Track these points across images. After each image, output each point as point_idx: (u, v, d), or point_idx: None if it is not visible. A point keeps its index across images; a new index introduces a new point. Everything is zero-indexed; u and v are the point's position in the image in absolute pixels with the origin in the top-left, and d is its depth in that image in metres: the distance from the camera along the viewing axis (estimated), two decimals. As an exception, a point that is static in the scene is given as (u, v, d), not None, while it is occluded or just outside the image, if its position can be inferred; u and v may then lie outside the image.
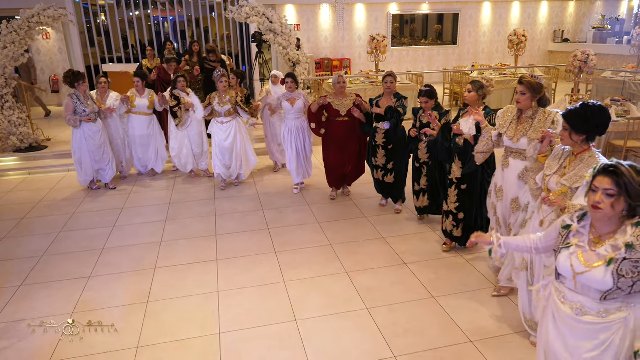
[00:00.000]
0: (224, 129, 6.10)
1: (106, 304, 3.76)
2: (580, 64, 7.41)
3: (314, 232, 5.01)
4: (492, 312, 3.55)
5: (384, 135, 5.14)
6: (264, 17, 7.67)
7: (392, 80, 5.09)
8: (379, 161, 5.28)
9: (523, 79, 3.36)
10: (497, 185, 3.70)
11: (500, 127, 3.53)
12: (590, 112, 2.56)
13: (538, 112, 3.36)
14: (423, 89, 4.70)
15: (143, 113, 6.53)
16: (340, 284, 3.99)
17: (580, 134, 2.63)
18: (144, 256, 4.56)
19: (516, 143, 3.42)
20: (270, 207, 5.71)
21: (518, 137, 3.39)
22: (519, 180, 3.49)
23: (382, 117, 5.09)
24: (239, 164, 6.27)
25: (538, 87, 3.33)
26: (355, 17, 13.30)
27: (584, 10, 15.23)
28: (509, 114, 3.52)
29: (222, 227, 5.16)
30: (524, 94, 3.35)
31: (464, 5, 13.99)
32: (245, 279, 4.10)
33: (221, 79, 5.93)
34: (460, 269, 4.19)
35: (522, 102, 3.36)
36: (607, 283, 1.89)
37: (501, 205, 3.68)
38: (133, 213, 5.64)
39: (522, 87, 3.35)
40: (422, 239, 4.77)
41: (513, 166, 3.52)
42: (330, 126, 5.52)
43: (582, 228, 2.04)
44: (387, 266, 4.26)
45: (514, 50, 9.76)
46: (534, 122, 3.34)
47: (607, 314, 1.96)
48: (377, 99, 5.21)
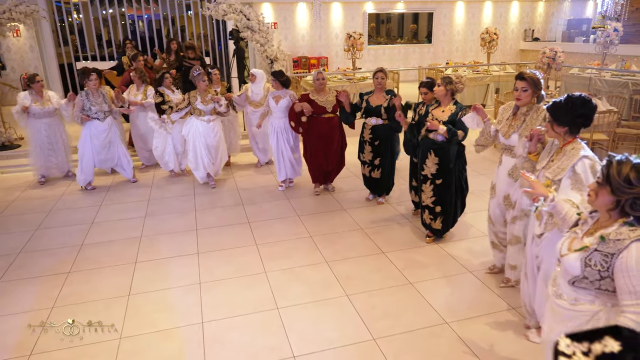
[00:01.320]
0: (211, 127, 6.01)
1: (87, 298, 3.76)
2: (549, 61, 7.67)
3: (294, 224, 5.08)
4: (466, 296, 3.69)
5: (370, 132, 5.17)
6: (241, 14, 7.70)
7: (382, 76, 5.06)
8: (366, 157, 5.32)
9: (524, 75, 3.24)
10: (492, 182, 3.71)
11: (498, 122, 3.53)
12: (571, 104, 2.55)
13: (532, 109, 3.32)
14: (424, 80, 4.71)
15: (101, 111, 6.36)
16: (320, 273, 4.08)
17: (562, 126, 2.62)
18: (123, 251, 4.56)
19: (507, 139, 3.39)
20: (250, 202, 5.76)
21: (509, 133, 3.37)
22: (508, 178, 3.47)
23: (372, 112, 5.09)
24: (219, 160, 6.26)
25: (539, 82, 3.26)
26: (332, 15, 13.41)
27: (552, 10, 15.68)
28: (506, 111, 3.50)
29: (202, 222, 5.19)
30: (525, 90, 3.25)
31: (438, 5, 14.25)
32: (226, 270, 4.15)
33: (203, 78, 5.82)
34: (437, 256, 4.32)
35: (523, 98, 3.28)
36: (575, 268, 1.95)
37: (494, 203, 3.67)
38: (111, 210, 5.62)
39: (523, 83, 3.24)
40: (400, 230, 4.89)
41: (504, 163, 3.51)
42: (315, 123, 5.52)
43: (590, 218, 2.07)
44: (365, 255, 4.37)
45: (486, 48, 10.01)
46: (527, 118, 3.31)
47: (576, 302, 2.00)
48: (367, 95, 5.21)
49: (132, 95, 6.59)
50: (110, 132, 6.18)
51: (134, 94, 6.60)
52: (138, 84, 6.62)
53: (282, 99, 5.81)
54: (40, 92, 6.14)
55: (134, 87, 6.67)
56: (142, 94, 6.57)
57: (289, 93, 5.87)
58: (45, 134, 6.29)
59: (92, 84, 5.91)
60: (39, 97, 6.13)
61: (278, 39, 8.76)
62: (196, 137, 6.01)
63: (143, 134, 6.89)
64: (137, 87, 6.64)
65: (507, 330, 3.26)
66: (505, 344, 3.13)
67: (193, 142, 6.03)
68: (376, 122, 5.13)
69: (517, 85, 3.30)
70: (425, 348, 3.11)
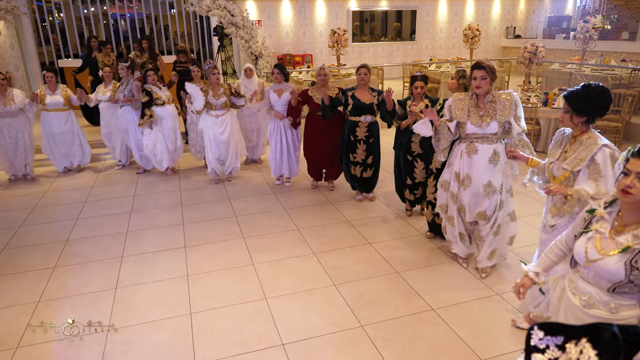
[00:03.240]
0: (219, 122, 5.91)
1: (74, 292, 3.74)
2: (530, 56, 7.81)
3: (281, 218, 5.11)
4: (452, 283, 3.76)
5: (366, 129, 5.04)
6: (225, 10, 7.70)
7: (365, 71, 4.95)
8: (359, 157, 5.14)
9: (482, 63, 3.32)
10: (460, 173, 3.62)
11: (459, 116, 3.49)
12: (593, 93, 2.50)
13: (496, 95, 3.40)
14: (418, 73, 4.58)
15: (59, 109, 6.38)
16: (307, 264, 4.11)
17: (582, 116, 2.56)
18: (110, 246, 4.54)
19: (486, 128, 3.41)
20: (237, 197, 5.77)
21: (487, 122, 3.39)
22: (489, 164, 3.47)
23: (364, 110, 4.96)
24: (234, 157, 6.14)
25: (495, 70, 3.36)
26: (316, 13, 13.45)
27: (533, 8, 15.93)
28: (461, 102, 3.50)
29: (188, 217, 5.19)
30: (485, 79, 3.32)
31: (421, 2, 14.38)
32: (214, 263, 4.16)
33: (213, 71, 5.74)
34: (422, 246, 4.38)
35: (483, 86, 3.34)
36: (618, 273, 1.74)
37: (469, 193, 3.61)
38: (97, 206, 5.58)
39: (482, 72, 3.31)
40: (386, 221, 4.95)
41: (482, 151, 3.48)
42: (312, 120, 5.49)
43: (608, 214, 1.88)
44: (352, 246, 4.41)
45: (469, 44, 10.15)
46: (497, 105, 3.38)
47: (617, 310, 1.81)
48: (350, 91, 5.05)
49: (101, 94, 6.53)
50: (67, 125, 6.38)
51: (102, 92, 6.54)
52: (108, 81, 6.55)
53: (284, 92, 5.70)
54: (4, 91, 6.05)
55: (101, 86, 6.60)
56: (111, 91, 6.51)
57: (290, 87, 5.73)
58: (8, 134, 6.19)
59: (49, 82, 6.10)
60: (1, 97, 6.03)
61: (262, 36, 8.76)
62: (207, 131, 6.00)
63: (110, 133, 6.82)
64: (106, 84, 6.56)
65: (493, 316, 3.33)
66: (492, 329, 3.20)
67: (205, 137, 6.04)
68: (371, 119, 5.05)
69: (475, 74, 3.35)
70: (413, 334, 3.16)
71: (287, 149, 5.86)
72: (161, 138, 6.39)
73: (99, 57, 8.01)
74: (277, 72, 5.72)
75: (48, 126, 6.42)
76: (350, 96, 5.02)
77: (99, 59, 8.00)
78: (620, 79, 8.49)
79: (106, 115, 6.70)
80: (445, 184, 3.82)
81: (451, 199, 3.78)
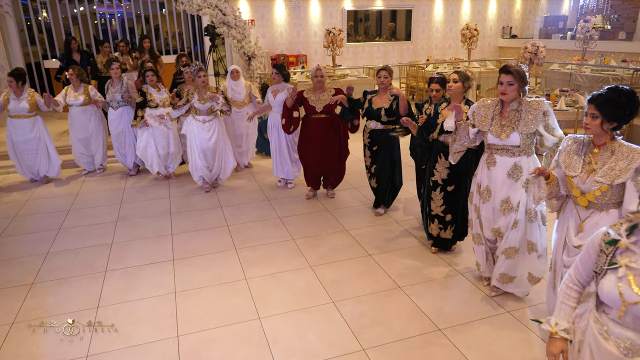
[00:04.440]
0: (206, 128, 5.61)
1: (52, 311, 3.47)
2: (531, 56, 7.61)
3: (275, 227, 4.85)
4: (459, 299, 3.52)
5: (369, 135, 4.77)
6: (217, 9, 7.44)
7: (386, 74, 4.55)
8: (366, 162, 4.96)
9: (510, 68, 2.98)
10: (481, 185, 3.32)
11: (480, 124, 3.19)
12: (624, 97, 2.29)
13: (522, 104, 3.05)
14: (435, 75, 4.16)
15: (23, 116, 5.93)
16: (304, 278, 3.86)
17: (612, 122, 2.33)
18: (93, 259, 4.26)
19: (505, 140, 3.08)
20: (229, 204, 5.51)
21: (507, 133, 3.06)
22: (508, 178, 3.16)
23: (372, 115, 4.66)
24: (221, 165, 5.86)
25: (525, 75, 3.01)
26: (311, 12, 13.20)
27: (529, 7, 15.79)
28: (486, 109, 3.18)
29: (178, 226, 4.92)
30: (511, 84, 2.99)
31: (417, 2, 14.18)
32: (204, 277, 3.89)
33: (199, 74, 5.46)
34: (426, 259, 4.14)
35: (510, 93, 3.01)
36: None
37: (487, 208, 3.31)
38: (81, 215, 5.29)
39: (509, 77, 2.98)
40: (386, 231, 4.71)
41: (501, 164, 3.16)
42: (307, 123, 5.20)
43: (633, 244, 1.63)
44: (351, 258, 4.16)
45: (466, 44, 9.94)
46: (522, 114, 3.03)
47: None
48: (371, 94, 4.73)
49: (72, 97, 6.14)
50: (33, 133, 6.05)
51: (73, 96, 6.15)
52: (76, 84, 6.16)
53: (280, 92, 5.50)
54: None
55: (70, 88, 6.19)
56: (84, 95, 6.17)
57: (288, 87, 5.51)
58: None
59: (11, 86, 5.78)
60: None
61: (255, 36, 8.51)
62: (192, 138, 5.68)
63: (84, 138, 6.43)
64: (76, 87, 6.17)
65: (504, 336, 3.09)
66: (504, 352, 2.96)
67: (190, 142, 5.72)
68: (375, 125, 4.70)
69: (502, 79, 3.03)
70: (419, 357, 2.92)
71: (283, 149, 5.66)
72: (152, 142, 6.13)
73: (97, 58, 7.61)
74: (276, 73, 5.52)
75: (12, 134, 6.04)
76: (368, 100, 4.74)
77: (97, 60, 7.60)
78: (621, 79, 8.31)
79: (81, 121, 6.32)
80: (470, 195, 3.51)
81: (475, 212, 3.44)
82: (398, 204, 5.25)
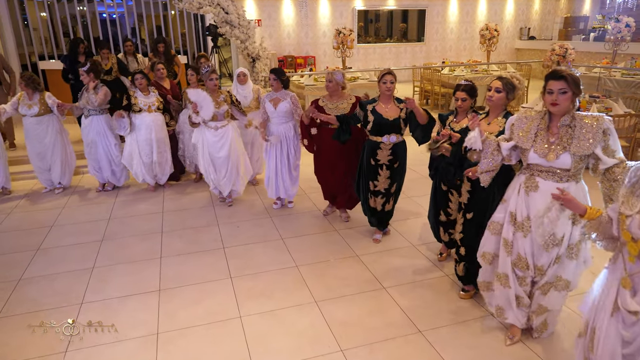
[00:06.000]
0: (219, 135, 4.99)
1: (8, 357, 2.95)
2: (559, 58, 7.01)
3: (277, 250, 4.31)
4: (489, 349, 2.95)
5: (390, 152, 4.04)
6: (219, 7, 6.92)
7: (391, 79, 3.90)
8: (381, 185, 4.13)
9: (562, 72, 2.46)
10: (517, 214, 2.75)
11: (520, 139, 2.66)
12: None
13: (576, 118, 2.53)
14: (462, 82, 3.56)
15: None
16: (308, 317, 3.31)
17: None
18: (70, 287, 3.75)
19: (553, 161, 2.56)
20: (227, 220, 4.98)
21: (557, 153, 2.53)
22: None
23: (388, 127, 3.97)
24: (233, 177, 5.19)
25: (579, 81, 2.50)
26: (320, 12, 12.67)
27: (549, 8, 15.13)
28: (529, 122, 2.66)
29: (168, 247, 4.40)
30: (564, 93, 2.46)
31: (431, 2, 13.59)
32: (192, 314, 3.36)
33: (210, 76, 4.93)
34: (448, 293, 3.57)
35: (562, 103, 2.48)
36: None
37: (527, 242, 2.74)
38: (63, 232, 4.79)
39: (561, 83, 2.46)
40: (402, 255, 4.15)
41: (544, 189, 2.61)
42: (322, 134, 4.56)
43: None
44: (363, 292, 3.61)
45: (485, 46, 9.35)
46: (575, 131, 2.51)
47: None
48: (371, 104, 4.05)
49: (26, 107, 5.47)
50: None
51: (26, 105, 5.48)
52: (29, 92, 5.47)
53: (281, 101, 4.76)
54: None
55: (23, 95, 5.49)
56: (39, 104, 5.48)
57: (290, 95, 4.83)
58: None
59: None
60: None
61: (262, 36, 8.01)
62: (203, 145, 5.10)
63: (41, 152, 5.70)
64: (29, 96, 5.49)
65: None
66: None
67: (201, 151, 5.15)
68: (396, 139, 4.02)
69: (551, 86, 2.49)
70: None
71: (284, 166, 4.97)
72: (136, 149, 5.62)
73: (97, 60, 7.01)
74: (274, 78, 4.74)
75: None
76: (370, 111, 4.01)
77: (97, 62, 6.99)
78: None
79: (37, 132, 5.62)
80: (495, 226, 2.90)
81: (504, 247, 2.84)
82: (409, 221, 4.68)
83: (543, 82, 2.60)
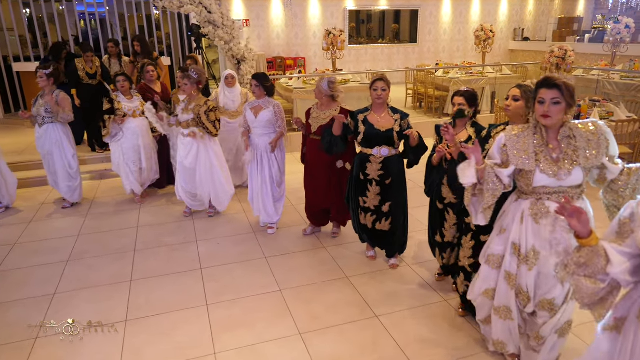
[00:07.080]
0: (185, 143, 4.67)
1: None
2: (558, 61, 6.70)
3: (259, 271, 3.93)
4: (499, 393, 2.60)
5: (381, 166, 3.65)
6: (201, 5, 6.53)
7: (383, 86, 3.51)
8: (370, 202, 3.74)
9: (555, 80, 2.18)
10: (521, 245, 2.43)
11: (522, 162, 2.31)
12: None
13: (574, 129, 2.25)
14: (462, 89, 3.23)
15: None
16: (291, 353, 2.94)
17: None
18: (26, 318, 3.33)
19: (565, 179, 2.24)
20: (206, 236, 4.59)
21: (568, 169, 2.22)
22: (567, 233, 2.32)
23: (380, 139, 3.58)
24: (206, 191, 4.83)
25: (574, 91, 2.21)
26: (310, 12, 12.30)
27: (543, 8, 14.88)
28: (523, 140, 2.32)
29: (140, 269, 4.00)
30: (557, 104, 2.17)
31: (424, 2, 13.28)
32: (160, 351, 2.97)
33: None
34: (451, 324, 3.22)
35: (554, 115, 2.19)
36: None
37: (531, 274, 2.42)
38: (27, 251, 4.38)
39: (554, 93, 2.16)
40: (396, 278, 3.79)
41: (552, 212, 2.30)
42: (309, 145, 4.24)
43: None
44: (353, 321, 3.24)
45: (480, 47, 9.03)
46: (578, 142, 2.22)
47: None
48: (363, 114, 3.66)
49: None
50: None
51: None
52: None
53: (263, 110, 4.31)
54: None
55: None
56: None
57: (273, 103, 4.37)
58: None
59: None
60: None
61: (249, 37, 7.62)
62: (176, 152, 4.80)
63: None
64: None
65: None
66: None
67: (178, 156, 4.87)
68: (388, 152, 3.62)
69: (543, 95, 2.19)
70: None
71: (265, 185, 4.46)
72: (121, 155, 5.27)
73: (79, 64, 6.46)
74: (255, 85, 4.27)
75: None
76: (362, 121, 3.63)
77: (79, 66, 6.45)
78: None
79: None
80: (494, 259, 2.57)
81: (506, 281, 2.51)
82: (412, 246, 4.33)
83: None
